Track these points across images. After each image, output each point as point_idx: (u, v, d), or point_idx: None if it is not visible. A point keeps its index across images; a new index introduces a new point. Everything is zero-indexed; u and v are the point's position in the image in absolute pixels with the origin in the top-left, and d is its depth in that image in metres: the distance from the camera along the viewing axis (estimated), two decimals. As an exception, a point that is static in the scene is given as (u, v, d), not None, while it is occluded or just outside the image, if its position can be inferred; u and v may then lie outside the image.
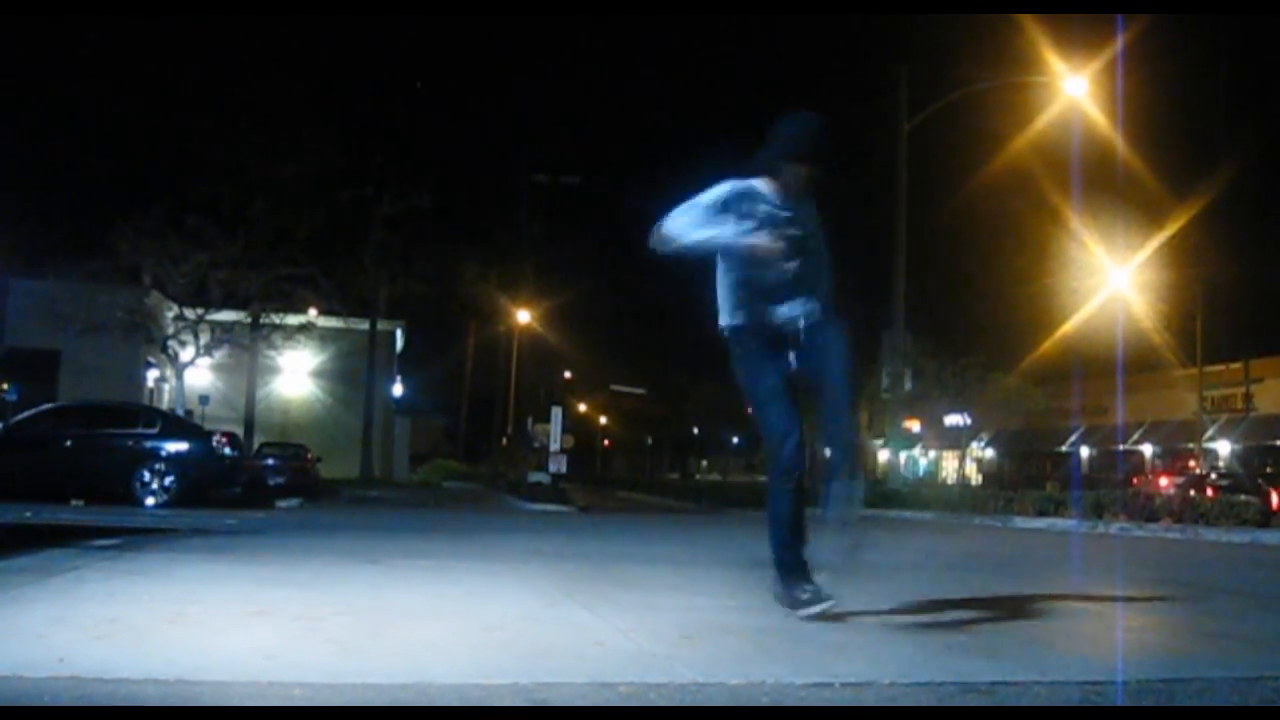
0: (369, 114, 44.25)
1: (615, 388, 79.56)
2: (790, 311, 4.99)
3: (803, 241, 5.01)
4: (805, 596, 4.82)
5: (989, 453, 59.03)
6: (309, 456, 31.47)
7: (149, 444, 16.90)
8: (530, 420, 47.80)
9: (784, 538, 5.06)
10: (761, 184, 5.05)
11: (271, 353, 39.54)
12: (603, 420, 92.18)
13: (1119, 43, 28.73)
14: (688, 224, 4.97)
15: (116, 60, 55.31)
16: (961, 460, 50.63)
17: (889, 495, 23.35)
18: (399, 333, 50.77)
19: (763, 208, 4.97)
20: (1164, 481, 35.63)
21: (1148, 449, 49.01)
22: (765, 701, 3.26)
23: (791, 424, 4.98)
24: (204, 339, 33.07)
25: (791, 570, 4.99)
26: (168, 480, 16.49)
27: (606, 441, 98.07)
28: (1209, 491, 37.01)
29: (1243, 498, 34.81)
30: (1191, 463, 40.12)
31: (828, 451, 5.01)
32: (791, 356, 5.03)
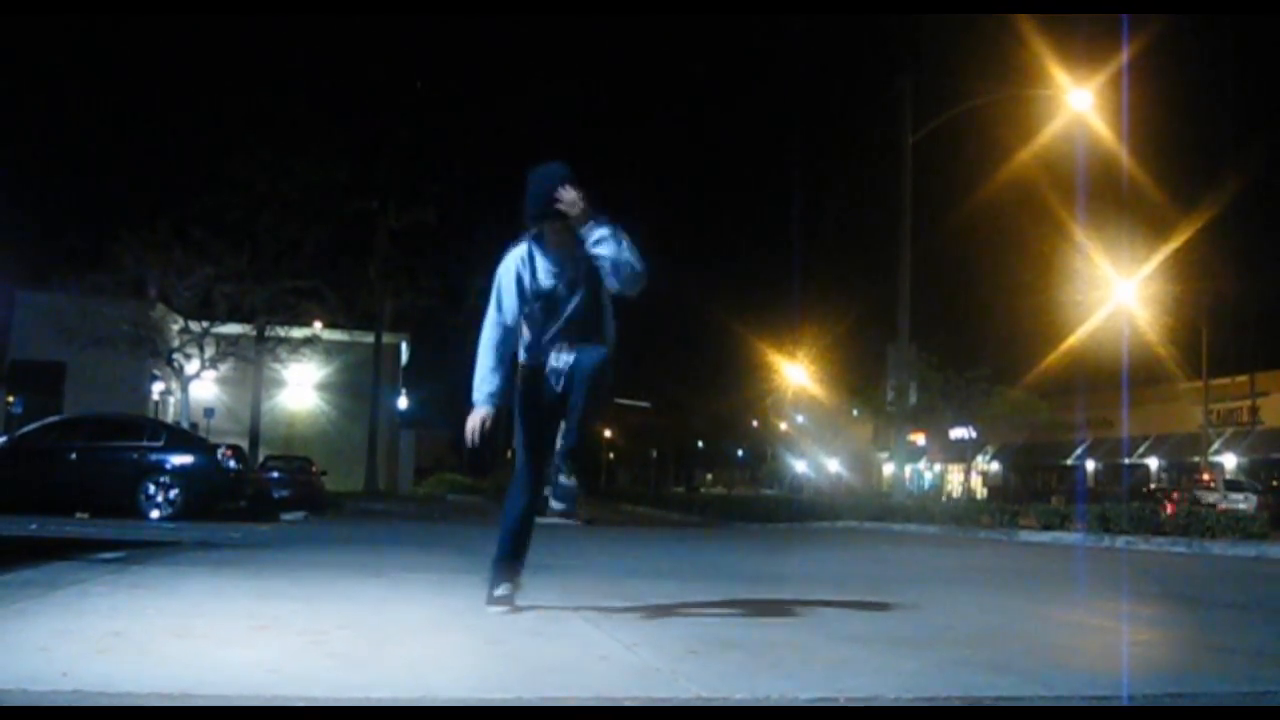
0: (374, 128, 44.33)
1: (620, 401, 79.56)
2: (555, 362, 5.39)
3: (561, 294, 5.36)
4: (498, 593, 5.36)
5: (994, 466, 58.93)
6: (314, 469, 31.46)
7: (154, 457, 16.90)
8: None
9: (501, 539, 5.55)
10: (529, 248, 5.43)
11: (276, 366, 39.58)
12: (607, 434, 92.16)
13: (1124, 55, 28.72)
14: (481, 350, 5.49)
15: (123, 75, 55.54)
16: (967, 474, 50.58)
17: (893, 509, 23.31)
18: (404, 345, 50.78)
19: (527, 281, 5.39)
20: (1169, 508, 35.53)
21: (1153, 462, 48.91)
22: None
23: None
24: (209, 352, 33.11)
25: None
26: (173, 493, 16.49)
27: (611, 455, 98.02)
28: (1209, 481, 37.01)
29: (1244, 495, 34.90)
30: (1205, 476, 40.00)
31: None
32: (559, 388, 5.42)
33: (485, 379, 5.43)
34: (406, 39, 62.20)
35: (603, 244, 5.19)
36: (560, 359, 5.37)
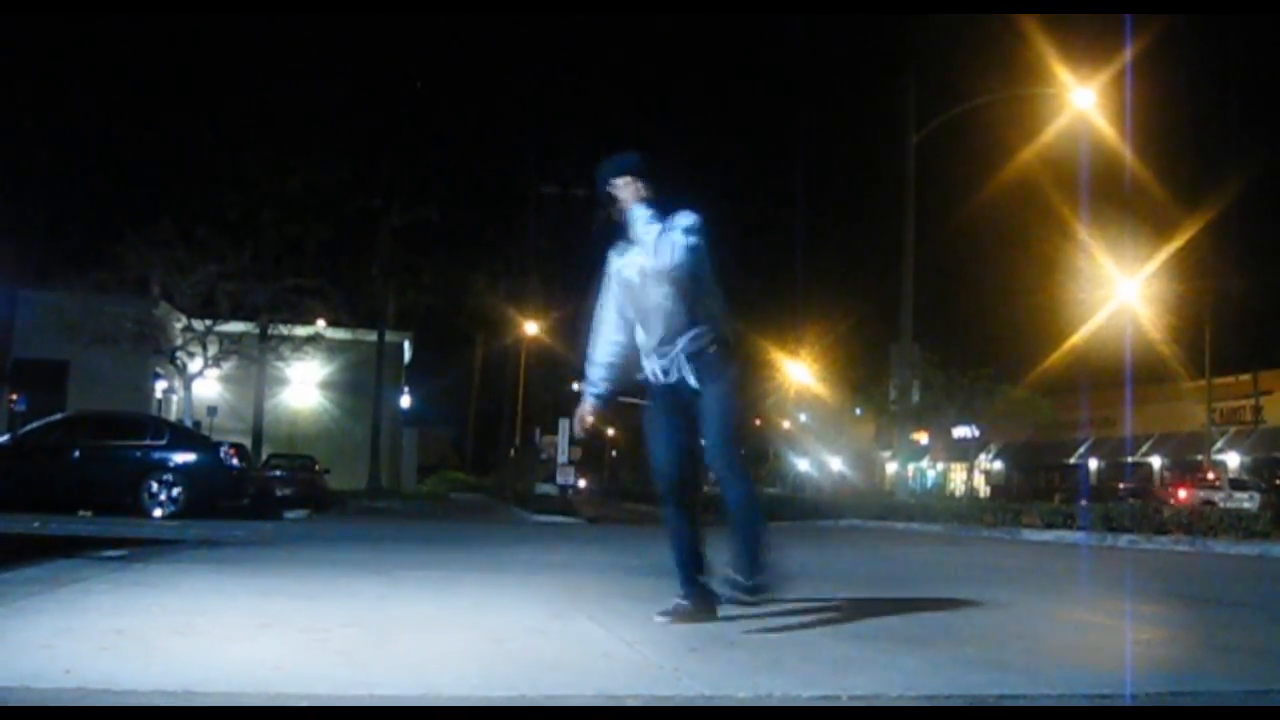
0: (377, 126, 44.32)
1: (623, 399, 79.41)
2: (651, 367, 5.24)
3: (641, 286, 5.16)
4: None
5: (997, 465, 58.88)
6: (317, 467, 31.47)
7: (157, 455, 16.91)
8: (538, 431, 47.75)
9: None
10: (619, 247, 5.29)
11: (280, 364, 39.60)
12: (610, 431, 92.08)
13: (1127, 54, 28.72)
14: (594, 352, 5.38)
15: (127, 72, 55.58)
16: (970, 472, 50.52)
17: (896, 507, 23.30)
18: (407, 344, 50.82)
19: (616, 277, 5.24)
20: (1182, 494, 35.57)
21: (1156, 461, 48.88)
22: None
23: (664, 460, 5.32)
24: (212, 350, 33.10)
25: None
26: (175, 491, 16.49)
27: (613, 453, 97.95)
28: (1215, 481, 37.04)
29: (1249, 494, 34.91)
30: (1210, 475, 39.99)
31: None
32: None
33: (589, 371, 5.39)
34: (410, 37, 62.15)
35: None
36: (670, 371, 5.17)
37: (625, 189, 5.20)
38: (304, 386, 46.55)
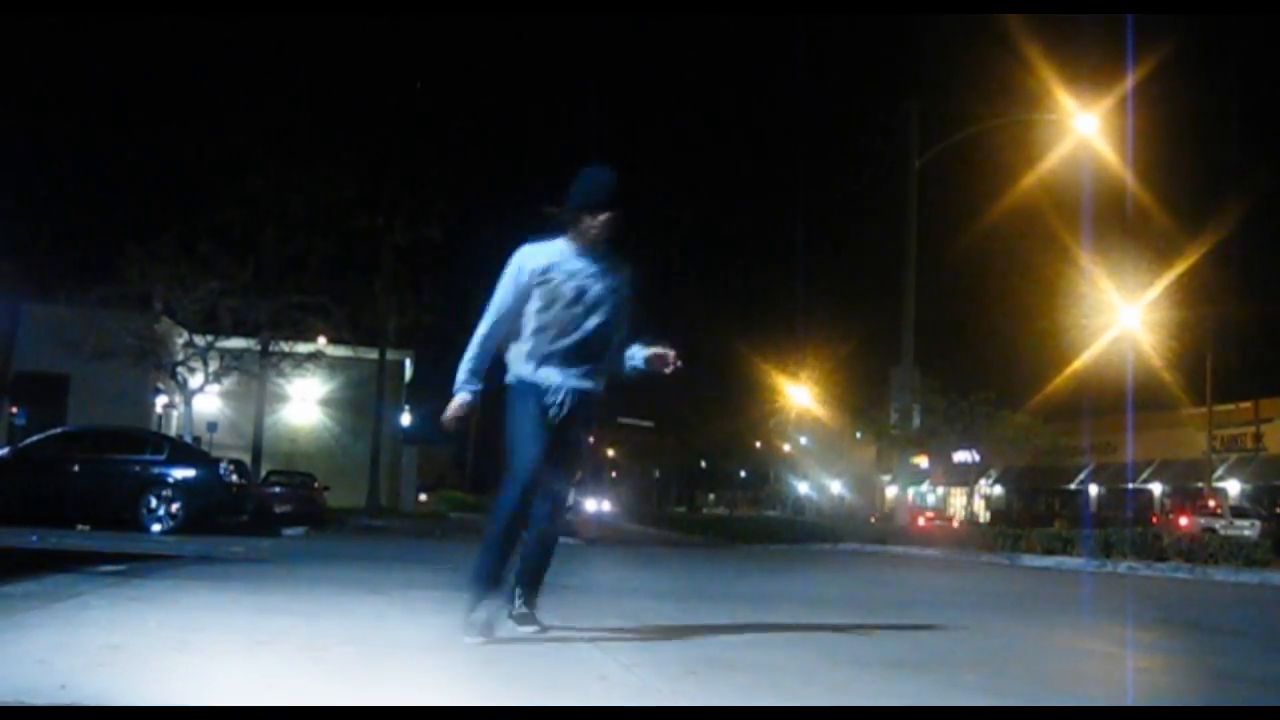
0: (381, 144, 44.38)
1: (623, 420, 79.48)
2: (557, 380, 5.14)
3: (593, 296, 5.16)
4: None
5: (997, 490, 58.81)
6: (316, 485, 31.42)
7: (156, 470, 16.90)
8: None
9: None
10: (559, 243, 5.23)
11: (280, 380, 39.56)
12: (610, 452, 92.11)
13: (1129, 81, 28.82)
14: (477, 349, 5.24)
15: (129, 86, 55.72)
16: (970, 497, 50.46)
17: (895, 531, 23.28)
18: (408, 362, 50.79)
19: (554, 274, 5.15)
20: (1184, 521, 35.52)
21: (1157, 488, 48.81)
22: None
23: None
24: (213, 366, 33.08)
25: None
26: (174, 506, 16.47)
27: (613, 473, 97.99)
28: (1216, 509, 37.02)
29: (1249, 522, 34.86)
30: (1212, 503, 39.94)
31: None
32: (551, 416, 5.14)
33: (469, 367, 5.23)
34: (417, 56, 62.39)
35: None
36: (564, 380, 5.12)
37: (594, 214, 5.18)
38: (304, 403, 46.52)
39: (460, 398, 5.23)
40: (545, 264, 5.16)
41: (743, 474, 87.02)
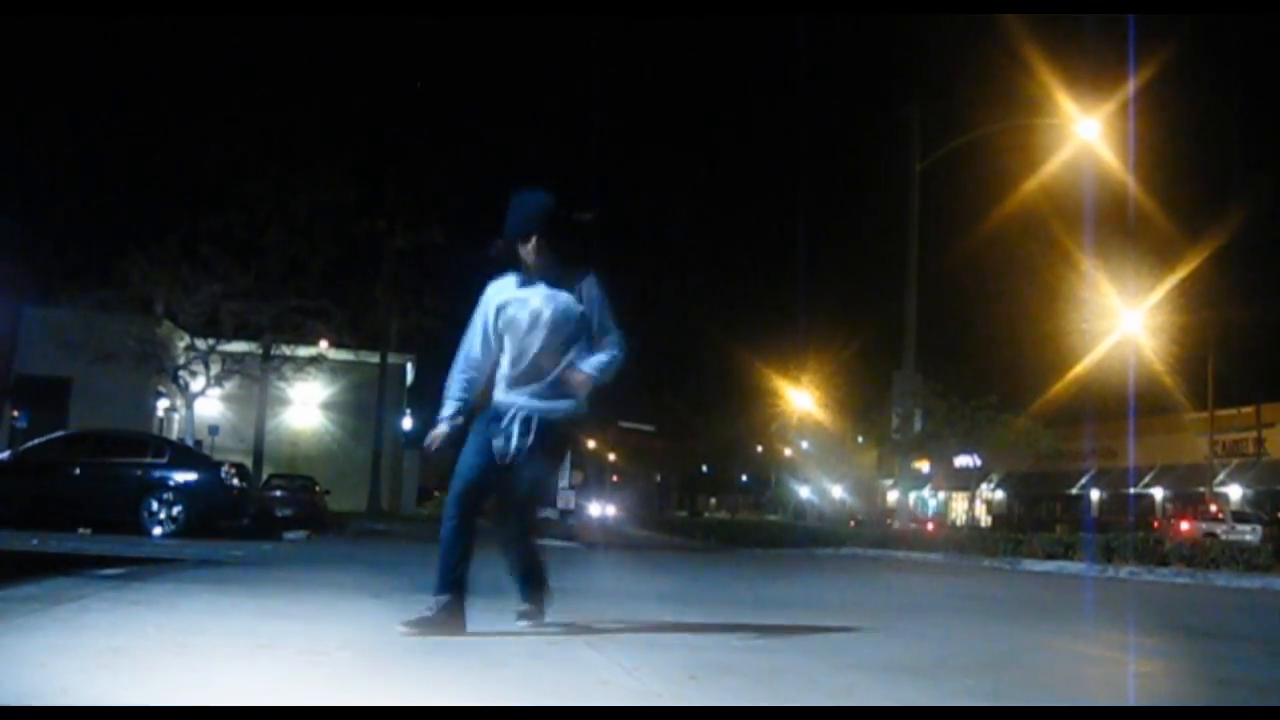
0: (383, 148, 44.43)
1: (624, 424, 79.43)
2: (511, 409, 5.33)
3: (543, 318, 5.32)
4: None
5: (999, 494, 58.77)
6: (317, 489, 31.39)
7: (158, 474, 16.89)
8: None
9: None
10: (509, 278, 5.46)
11: (282, 384, 39.57)
12: (611, 456, 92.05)
13: (1131, 85, 28.79)
14: (453, 383, 5.53)
15: (131, 92, 55.81)
16: (971, 501, 50.44)
17: (896, 535, 23.26)
18: (409, 366, 50.80)
19: (510, 306, 5.37)
20: (1185, 526, 35.47)
21: (1158, 492, 48.76)
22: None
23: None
24: (215, 369, 33.10)
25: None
26: (176, 510, 16.46)
27: (614, 478, 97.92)
28: (1218, 514, 36.98)
29: (1251, 527, 34.83)
30: (1213, 508, 39.89)
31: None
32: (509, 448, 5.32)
33: (449, 398, 5.48)
34: (418, 59, 62.53)
35: (603, 370, 5.33)
36: (513, 401, 5.30)
37: (533, 239, 5.34)
38: (306, 407, 46.52)
39: (439, 428, 5.47)
40: (503, 300, 5.42)
41: (744, 478, 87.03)
